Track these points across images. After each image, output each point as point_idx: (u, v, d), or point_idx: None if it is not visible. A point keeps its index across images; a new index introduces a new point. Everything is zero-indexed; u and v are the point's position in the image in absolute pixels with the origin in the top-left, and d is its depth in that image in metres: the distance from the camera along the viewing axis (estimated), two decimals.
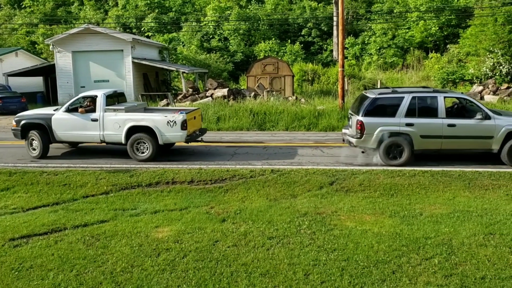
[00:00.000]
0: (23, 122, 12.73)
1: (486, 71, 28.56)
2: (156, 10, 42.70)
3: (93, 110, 12.34)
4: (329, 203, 8.64)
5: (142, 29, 41.76)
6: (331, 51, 37.97)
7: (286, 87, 26.69)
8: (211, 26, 40.35)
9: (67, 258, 6.38)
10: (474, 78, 28.92)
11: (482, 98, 22.97)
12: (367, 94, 11.73)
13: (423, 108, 11.16)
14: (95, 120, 12.20)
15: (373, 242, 6.65)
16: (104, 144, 12.61)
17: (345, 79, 25.17)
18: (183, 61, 34.63)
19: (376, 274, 5.73)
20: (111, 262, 6.22)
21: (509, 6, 30.83)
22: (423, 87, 13.35)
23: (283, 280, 5.63)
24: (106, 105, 12.32)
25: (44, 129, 12.55)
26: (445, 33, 36.15)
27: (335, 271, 5.83)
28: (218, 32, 40.06)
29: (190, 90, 24.93)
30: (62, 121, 12.44)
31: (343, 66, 18.86)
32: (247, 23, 39.37)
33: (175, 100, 23.43)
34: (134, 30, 41.76)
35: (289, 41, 38.74)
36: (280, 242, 6.77)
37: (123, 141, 12.13)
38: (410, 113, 11.08)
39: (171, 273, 5.91)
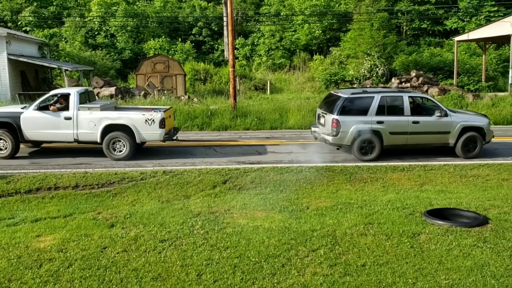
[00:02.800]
0: None
1: (364, 72, 30.92)
2: (35, 4, 39.54)
3: (66, 108, 11.81)
4: (222, 201, 8.71)
5: (19, 23, 38.41)
6: (222, 51, 38.33)
7: (178, 86, 26.39)
8: (96, 22, 38.44)
9: None
10: (354, 79, 31.14)
11: None
12: (339, 94, 12.24)
13: (391, 106, 11.94)
14: (68, 118, 11.74)
15: (264, 238, 6.84)
16: (77, 143, 12.13)
17: (237, 79, 25.56)
18: (66, 58, 32.54)
19: (267, 268, 5.90)
20: None
21: (383, 12, 33.73)
22: (383, 87, 14.32)
23: (175, 283, 5.56)
24: (80, 103, 11.82)
25: (12, 128, 11.74)
26: (328, 36, 38.39)
27: (227, 269, 5.89)
28: (104, 28, 38.29)
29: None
30: (32, 119, 11.80)
31: (234, 67, 19.15)
32: (135, 20, 38.17)
33: None
34: (9, 24, 38.21)
35: (179, 39, 38.30)
36: (172, 244, 6.67)
37: (98, 140, 11.78)
38: (380, 111, 11.79)
39: (55, 284, 5.52)
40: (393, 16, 37.02)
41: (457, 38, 30.74)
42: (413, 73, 27.19)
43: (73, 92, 12.02)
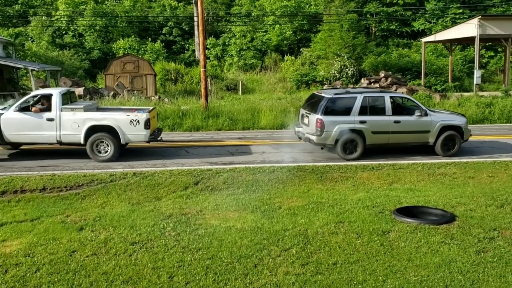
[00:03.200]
0: None
1: (334, 73, 31.25)
2: None
3: (49, 109, 11.54)
4: (194, 203, 8.65)
5: None
6: (193, 51, 38.07)
7: (148, 86, 26.08)
8: (63, 21, 37.61)
9: None
10: (324, 80, 31.42)
11: None
12: (323, 94, 12.37)
13: (373, 107, 12.13)
14: (51, 119, 11.49)
15: (237, 238, 6.83)
16: (59, 145, 11.84)
17: (208, 80, 25.44)
18: (33, 58, 31.69)
19: (239, 269, 5.90)
20: None
21: (352, 14, 34.19)
22: (365, 87, 14.45)
23: (146, 285, 5.49)
24: (62, 104, 11.59)
25: None
26: (299, 37, 38.63)
27: (200, 270, 5.85)
28: (72, 27, 37.50)
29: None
30: (13, 121, 11.50)
31: (205, 67, 19.05)
32: (104, 19, 37.52)
33: None
34: None
35: (149, 39, 37.86)
36: (143, 246, 6.58)
37: (82, 142, 11.57)
38: (362, 111, 11.97)
39: None
40: (362, 17, 37.58)
41: (424, 39, 31.45)
42: (382, 74, 27.66)
43: (55, 93, 11.77)
